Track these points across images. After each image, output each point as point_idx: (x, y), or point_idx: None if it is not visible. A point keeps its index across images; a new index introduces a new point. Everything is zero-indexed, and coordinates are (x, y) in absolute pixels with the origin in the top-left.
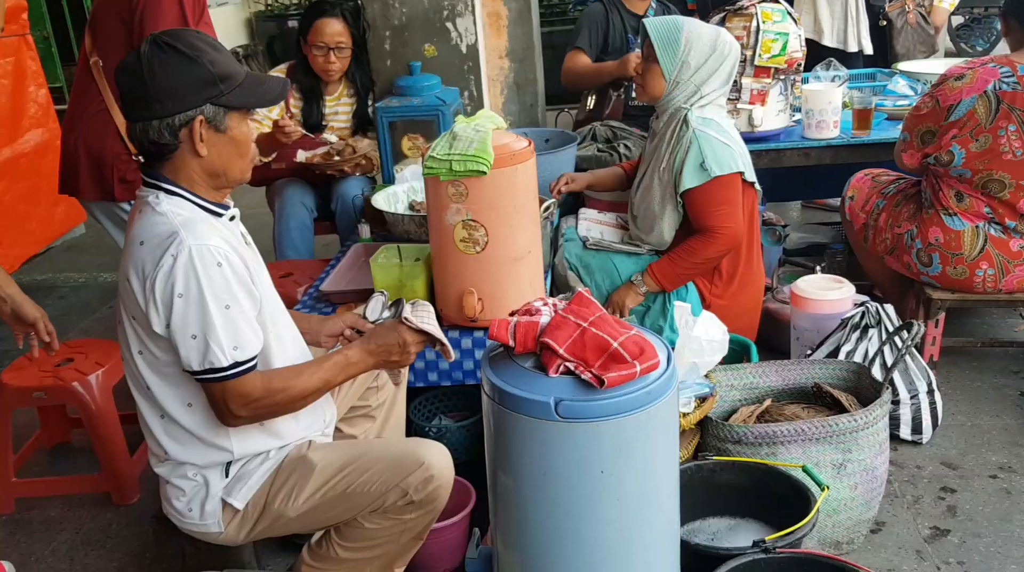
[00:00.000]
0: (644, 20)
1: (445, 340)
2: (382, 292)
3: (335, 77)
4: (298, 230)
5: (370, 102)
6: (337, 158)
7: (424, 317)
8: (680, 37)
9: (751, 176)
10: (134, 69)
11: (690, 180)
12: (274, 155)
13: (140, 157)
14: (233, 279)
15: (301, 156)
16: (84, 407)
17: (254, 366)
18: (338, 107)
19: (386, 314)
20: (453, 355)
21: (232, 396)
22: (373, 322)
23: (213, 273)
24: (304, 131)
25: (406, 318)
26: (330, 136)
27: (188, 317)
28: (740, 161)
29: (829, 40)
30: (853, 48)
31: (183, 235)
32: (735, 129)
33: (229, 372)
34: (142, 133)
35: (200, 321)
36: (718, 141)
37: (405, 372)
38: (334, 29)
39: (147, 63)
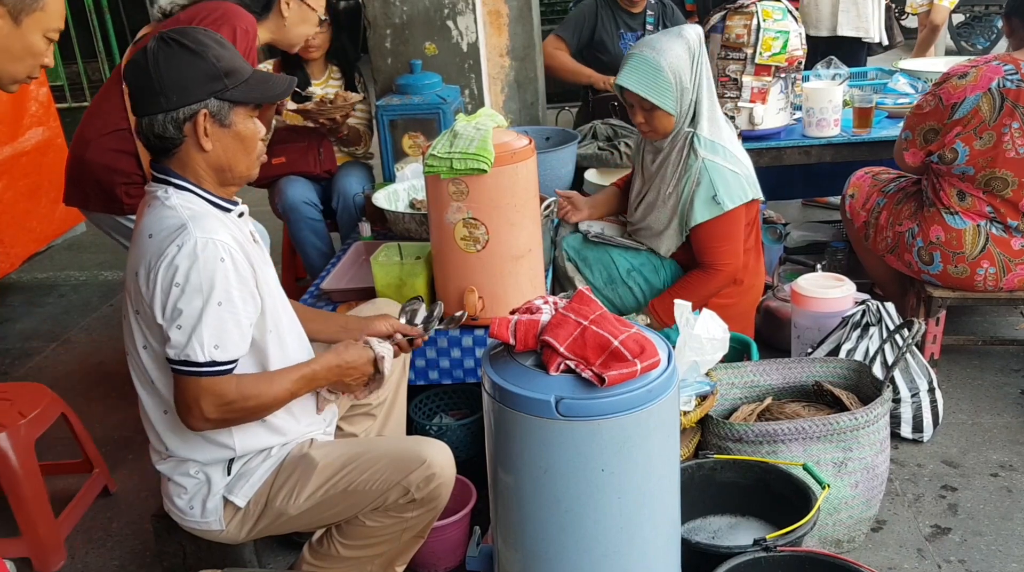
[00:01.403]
0: (619, 82)
1: (381, 384)
2: (419, 298)
3: (317, 55)
4: (312, 235)
5: (356, 81)
6: (329, 105)
7: (388, 359)
8: (665, 75)
9: (758, 194)
10: (141, 64)
11: (701, 214)
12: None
13: (150, 177)
14: (233, 277)
15: (291, 106)
16: (3, 464)
17: (231, 370)
18: (326, 90)
19: (436, 312)
20: (363, 396)
21: (206, 394)
22: (419, 325)
23: (214, 267)
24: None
25: (381, 357)
26: (315, 89)
27: (179, 306)
28: (749, 189)
29: (875, 35)
30: (876, 38)
31: (191, 227)
32: (739, 143)
33: (204, 369)
34: (148, 128)
35: (189, 313)
36: (728, 170)
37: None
38: None
39: (153, 58)
